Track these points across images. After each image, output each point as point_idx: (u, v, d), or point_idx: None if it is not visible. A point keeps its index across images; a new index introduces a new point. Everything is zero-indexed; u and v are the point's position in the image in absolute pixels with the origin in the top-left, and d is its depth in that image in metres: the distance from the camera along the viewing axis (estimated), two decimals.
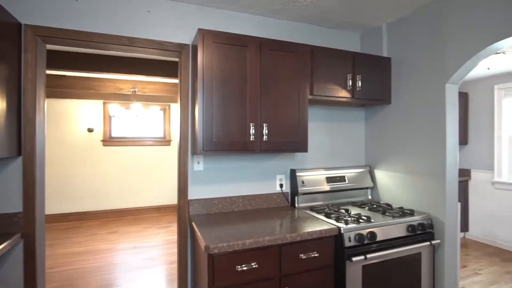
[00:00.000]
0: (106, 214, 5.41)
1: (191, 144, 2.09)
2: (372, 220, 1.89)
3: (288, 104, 2.02)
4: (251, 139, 1.90)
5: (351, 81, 2.24)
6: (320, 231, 1.71)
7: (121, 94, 5.46)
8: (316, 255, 1.71)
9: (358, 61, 2.27)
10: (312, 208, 2.22)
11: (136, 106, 4.64)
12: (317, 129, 2.53)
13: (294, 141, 2.05)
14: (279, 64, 2.00)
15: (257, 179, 2.30)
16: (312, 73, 2.12)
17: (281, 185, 2.37)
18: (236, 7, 2.18)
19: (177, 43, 2.08)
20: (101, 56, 3.38)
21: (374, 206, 2.26)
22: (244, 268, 1.53)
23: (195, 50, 1.86)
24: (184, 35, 2.11)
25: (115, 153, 5.52)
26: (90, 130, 5.32)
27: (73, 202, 5.22)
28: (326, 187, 2.38)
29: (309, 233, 1.68)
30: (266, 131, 1.95)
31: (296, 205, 2.31)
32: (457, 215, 2.07)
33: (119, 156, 5.54)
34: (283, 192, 2.37)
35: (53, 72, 4.06)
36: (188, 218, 2.07)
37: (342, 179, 2.47)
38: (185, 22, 2.12)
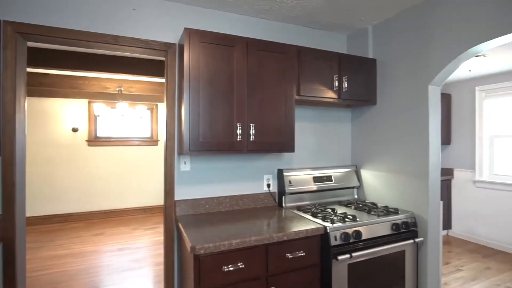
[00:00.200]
0: (91, 216, 5.30)
1: (177, 144, 2.08)
2: (358, 219, 1.92)
3: (275, 104, 2.03)
4: (238, 139, 1.90)
5: (337, 82, 2.26)
6: (307, 230, 1.73)
7: (107, 93, 5.36)
8: (302, 254, 1.72)
9: (344, 62, 2.30)
10: (299, 208, 2.24)
11: (122, 105, 4.56)
12: (304, 129, 2.55)
13: (281, 141, 2.05)
14: (266, 64, 2.00)
15: (245, 179, 2.30)
16: (299, 74, 2.13)
17: (268, 185, 2.38)
18: (223, 7, 2.18)
19: (163, 42, 2.06)
20: (86, 54, 3.31)
21: (360, 205, 2.29)
22: (231, 268, 1.53)
23: (182, 49, 1.84)
24: (171, 34, 2.09)
25: (101, 153, 5.41)
26: (75, 130, 5.20)
27: (57, 204, 5.09)
28: (313, 187, 2.40)
29: (295, 232, 1.69)
30: (253, 131, 1.95)
31: (284, 205, 2.32)
32: (439, 213, 2.13)
33: (105, 157, 5.43)
34: (270, 192, 2.38)
35: (36, 70, 3.95)
36: (175, 219, 2.05)
37: (328, 178, 2.50)
38: (171, 21, 2.09)
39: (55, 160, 5.09)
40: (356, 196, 2.65)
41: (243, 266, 1.56)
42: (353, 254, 1.77)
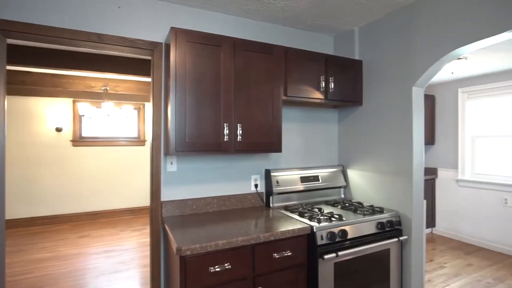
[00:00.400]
0: (76, 218, 5.18)
1: (164, 145, 2.05)
2: (344, 219, 1.94)
3: (263, 104, 2.03)
4: (225, 140, 1.90)
5: (324, 82, 2.28)
6: (293, 230, 1.74)
7: (92, 93, 5.25)
8: (289, 254, 1.73)
9: (331, 63, 2.32)
10: (286, 208, 2.25)
11: (108, 105, 4.48)
12: (291, 129, 2.56)
13: (268, 141, 2.06)
14: (253, 64, 2.00)
15: (232, 179, 2.30)
16: (286, 74, 2.14)
17: (256, 185, 2.38)
18: (211, 6, 2.17)
19: (149, 41, 2.03)
20: (70, 52, 3.23)
21: (347, 204, 2.32)
22: (218, 269, 1.53)
23: (168, 48, 1.83)
24: (157, 33, 2.07)
25: (86, 153, 5.30)
26: (59, 130, 5.08)
27: (40, 206, 4.95)
28: (300, 187, 2.42)
29: (282, 232, 1.70)
30: (240, 132, 1.95)
31: (271, 205, 2.33)
32: (423, 212, 2.18)
33: (90, 157, 5.32)
34: (258, 192, 2.38)
35: (18, 68, 3.83)
36: (161, 220, 2.02)
37: (316, 178, 2.52)
38: (158, 20, 2.07)
39: (38, 161, 4.96)
40: (342, 196, 2.68)
41: (230, 266, 1.56)
42: (339, 253, 1.79)
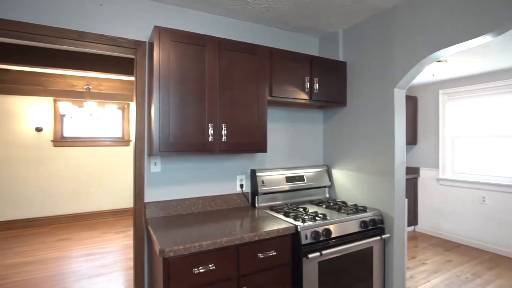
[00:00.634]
0: (57, 220, 5.03)
1: (147, 145, 2.02)
2: (328, 218, 1.97)
3: (248, 105, 2.03)
4: (209, 140, 1.88)
5: (309, 83, 2.30)
6: (278, 230, 1.74)
7: (74, 91, 5.12)
8: (274, 253, 1.74)
9: (316, 64, 2.35)
10: (272, 208, 2.26)
11: (91, 104, 4.37)
12: (276, 129, 2.57)
13: (253, 141, 2.06)
14: (238, 64, 2.00)
15: (217, 179, 2.29)
16: (271, 75, 2.15)
17: (241, 186, 2.38)
18: (195, 6, 2.15)
19: (132, 39, 1.99)
20: (51, 50, 3.14)
21: (331, 204, 2.35)
22: (202, 270, 1.51)
23: (152, 47, 1.80)
24: (141, 31, 2.03)
25: (68, 154, 5.15)
26: (39, 130, 4.92)
27: (18, 208, 4.78)
28: (285, 187, 2.43)
29: (267, 232, 1.71)
30: (225, 132, 1.94)
31: (257, 205, 2.33)
32: (404, 210, 2.23)
33: (72, 157, 5.18)
34: (243, 193, 2.38)
35: None
36: (145, 222, 1.99)
37: (301, 178, 2.54)
38: (142, 19, 2.04)
39: (17, 161, 4.78)
40: (327, 195, 2.72)
41: (214, 267, 1.55)
42: (323, 252, 1.81)
